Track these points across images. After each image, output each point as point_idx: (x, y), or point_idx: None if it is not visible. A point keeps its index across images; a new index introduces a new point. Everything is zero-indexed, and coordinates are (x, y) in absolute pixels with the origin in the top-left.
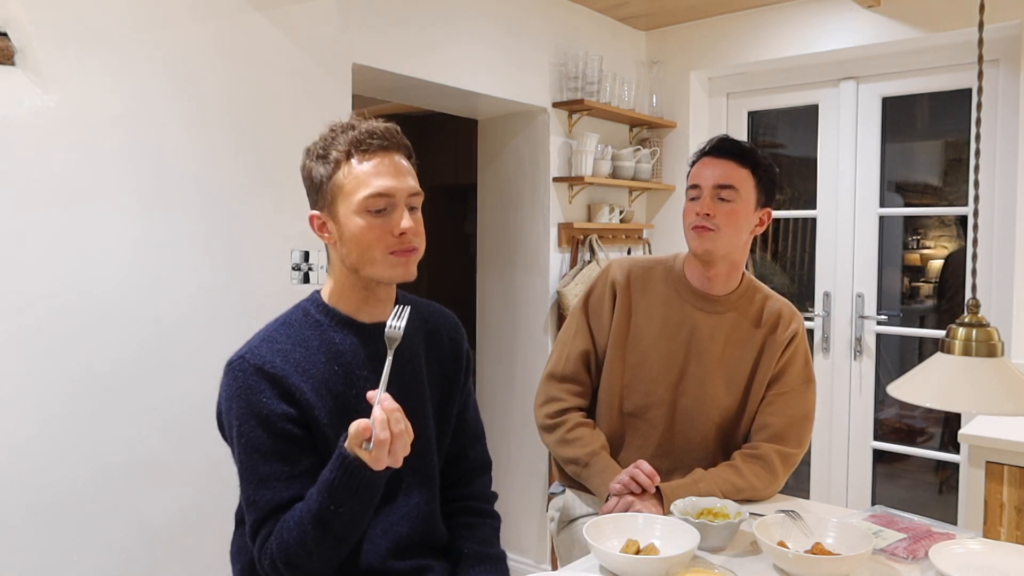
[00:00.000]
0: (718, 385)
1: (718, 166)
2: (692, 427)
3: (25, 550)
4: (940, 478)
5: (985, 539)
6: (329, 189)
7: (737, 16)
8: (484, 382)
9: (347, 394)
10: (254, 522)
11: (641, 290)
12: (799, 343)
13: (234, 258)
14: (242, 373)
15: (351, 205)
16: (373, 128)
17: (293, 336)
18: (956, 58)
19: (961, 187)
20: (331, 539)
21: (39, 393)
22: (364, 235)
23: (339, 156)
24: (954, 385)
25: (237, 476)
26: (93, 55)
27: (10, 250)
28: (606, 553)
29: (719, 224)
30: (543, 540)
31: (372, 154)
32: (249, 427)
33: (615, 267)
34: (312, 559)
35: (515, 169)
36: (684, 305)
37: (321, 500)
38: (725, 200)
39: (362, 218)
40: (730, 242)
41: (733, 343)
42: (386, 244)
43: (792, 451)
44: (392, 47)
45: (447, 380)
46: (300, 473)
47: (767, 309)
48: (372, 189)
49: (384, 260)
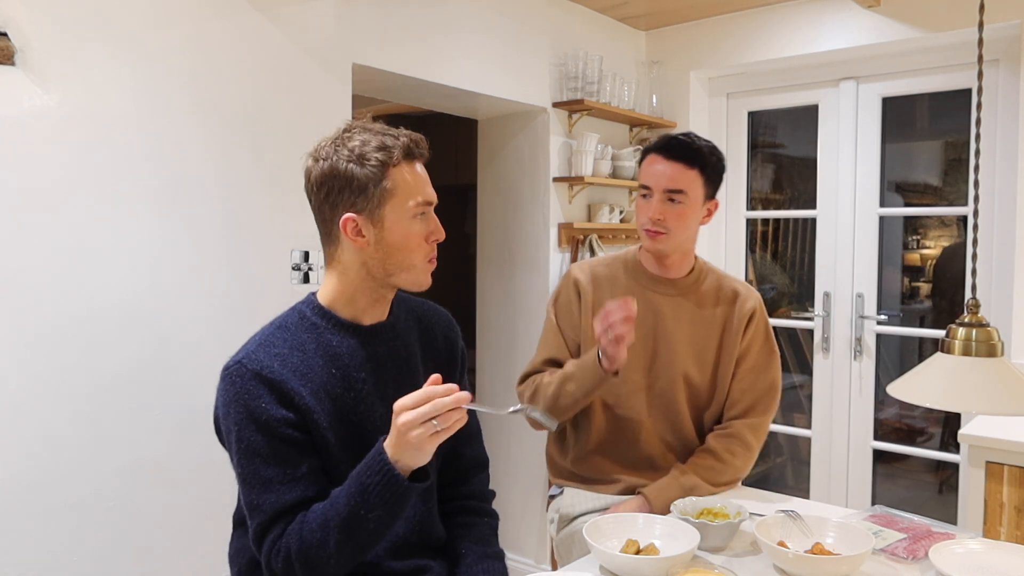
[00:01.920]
0: (688, 364)
1: (668, 168)
2: (670, 409)
3: (26, 550)
4: (940, 478)
5: (985, 539)
6: (376, 193)
7: (737, 16)
8: (484, 382)
9: (346, 396)
10: (259, 525)
11: (605, 285)
12: (759, 319)
13: (234, 258)
14: (240, 378)
15: (405, 210)
16: (416, 136)
17: (290, 340)
18: (956, 58)
19: (961, 187)
20: (354, 545)
21: (41, 396)
22: (411, 240)
23: (387, 159)
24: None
25: (236, 480)
26: (93, 55)
27: (10, 250)
28: (606, 553)
29: (670, 227)
30: (543, 540)
31: (414, 161)
32: (248, 432)
33: (576, 269)
34: (331, 562)
35: (515, 169)
36: (645, 291)
37: (352, 505)
38: (675, 202)
39: (415, 222)
40: (681, 240)
41: (696, 322)
42: (425, 251)
43: (760, 419)
44: (392, 47)
45: (442, 377)
46: (302, 476)
47: (724, 288)
48: (421, 195)
49: (422, 266)
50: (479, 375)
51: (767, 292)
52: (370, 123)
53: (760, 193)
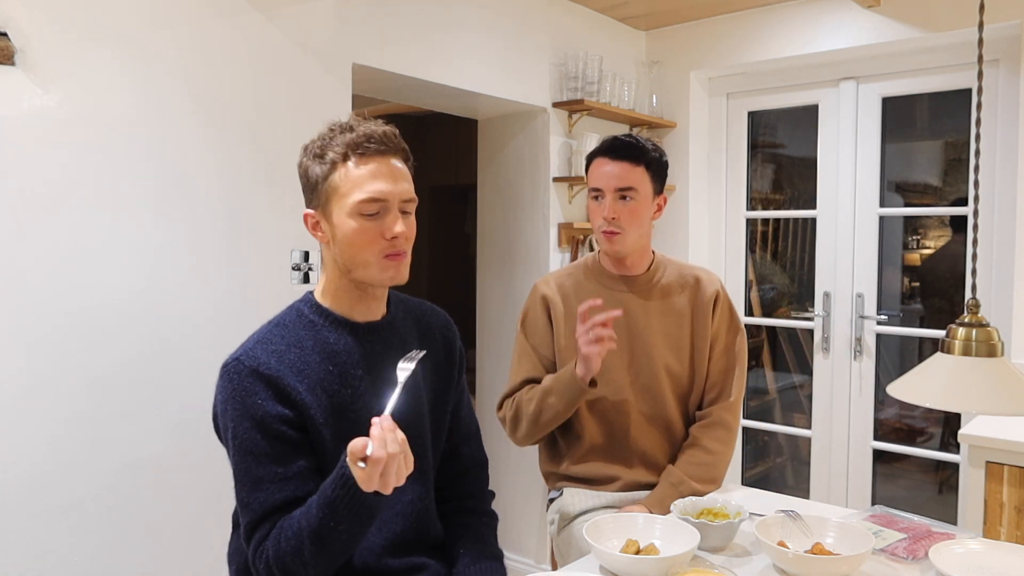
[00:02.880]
0: (667, 356)
1: (616, 167)
2: (657, 402)
3: (26, 551)
4: (940, 478)
5: (985, 539)
6: (324, 189)
7: (737, 16)
8: (484, 382)
9: (342, 393)
10: (248, 524)
11: (572, 294)
12: (723, 301)
13: (234, 258)
14: (237, 375)
15: (345, 207)
16: (371, 131)
17: (288, 337)
18: (956, 58)
19: (961, 187)
20: (328, 554)
21: (41, 396)
22: (357, 238)
23: (336, 157)
24: (954, 385)
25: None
26: (92, 55)
27: (10, 250)
28: (606, 553)
29: (624, 225)
30: (543, 540)
31: (369, 158)
32: (244, 429)
33: (541, 285)
34: (308, 569)
35: (515, 169)
36: (611, 292)
37: (322, 516)
38: (626, 199)
39: (355, 221)
40: (636, 237)
41: (665, 313)
42: (379, 247)
43: (736, 398)
44: (392, 47)
45: (441, 377)
46: (293, 475)
47: (685, 275)
48: (366, 193)
49: (377, 263)
50: (479, 375)
51: (767, 292)
52: (357, 119)
53: (760, 193)
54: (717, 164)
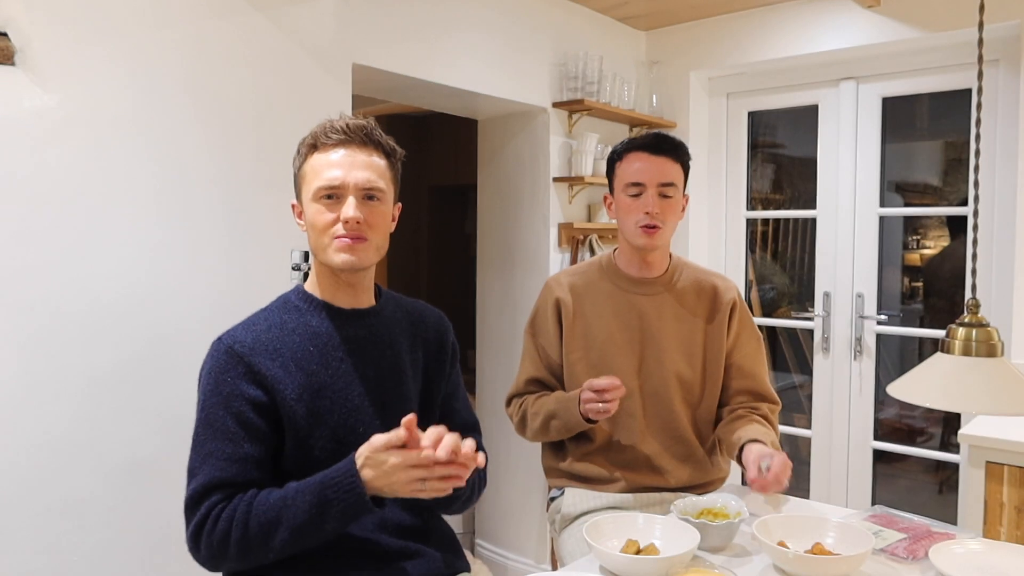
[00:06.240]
0: (677, 361)
1: (660, 164)
2: (665, 408)
3: (26, 551)
4: (940, 478)
5: (985, 539)
6: (298, 179)
7: (737, 16)
8: (484, 382)
9: (322, 373)
10: (194, 492)
11: (585, 294)
12: (741, 308)
13: (234, 258)
14: (216, 352)
15: (309, 193)
16: (336, 123)
17: (271, 319)
18: (956, 58)
19: (961, 187)
20: (299, 546)
21: (41, 395)
22: (316, 221)
23: (305, 149)
24: (954, 385)
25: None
26: (93, 55)
27: (10, 250)
28: (606, 553)
29: (664, 220)
30: (543, 540)
31: (331, 147)
32: (211, 403)
33: (553, 283)
34: (270, 555)
35: (515, 169)
36: (627, 294)
37: (311, 514)
38: (667, 196)
39: (317, 205)
40: (669, 233)
41: (680, 319)
42: (333, 231)
43: (776, 405)
44: (392, 47)
45: (431, 368)
46: (239, 458)
47: (702, 282)
48: (322, 180)
49: (332, 246)
50: (478, 375)
51: (767, 292)
52: (341, 115)
53: (760, 193)
54: (717, 164)
